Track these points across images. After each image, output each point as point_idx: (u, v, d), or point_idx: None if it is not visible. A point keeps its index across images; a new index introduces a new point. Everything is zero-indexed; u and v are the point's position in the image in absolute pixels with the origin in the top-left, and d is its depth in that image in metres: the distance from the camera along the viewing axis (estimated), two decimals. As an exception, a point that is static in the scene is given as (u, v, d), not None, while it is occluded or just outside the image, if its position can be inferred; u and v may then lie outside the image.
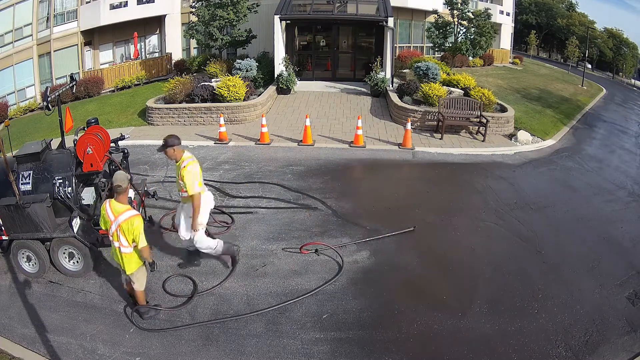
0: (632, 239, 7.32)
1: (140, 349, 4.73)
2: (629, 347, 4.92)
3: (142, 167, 9.51)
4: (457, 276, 6.06)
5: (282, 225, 7.14)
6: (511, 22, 28.77)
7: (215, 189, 8.39)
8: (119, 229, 4.63)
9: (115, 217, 4.65)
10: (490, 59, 24.76)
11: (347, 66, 17.85)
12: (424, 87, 12.87)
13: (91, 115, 7.70)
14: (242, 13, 15.66)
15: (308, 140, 10.82)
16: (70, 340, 4.84)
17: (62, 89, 6.48)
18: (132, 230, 4.60)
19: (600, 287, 5.92)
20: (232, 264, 6.01)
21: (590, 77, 28.16)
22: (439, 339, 4.93)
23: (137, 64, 18.86)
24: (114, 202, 4.70)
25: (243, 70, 14.39)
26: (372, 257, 6.36)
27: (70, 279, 5.79)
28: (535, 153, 11.36)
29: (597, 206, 8.56)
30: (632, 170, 11.19)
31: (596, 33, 46.42)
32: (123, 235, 4.64)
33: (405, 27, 22.87)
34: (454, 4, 16.88)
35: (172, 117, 12.47)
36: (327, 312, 5.26)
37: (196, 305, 5.34)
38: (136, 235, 4.61)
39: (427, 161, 10.22)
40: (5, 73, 16.49)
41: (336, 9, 16.49)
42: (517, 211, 7.92)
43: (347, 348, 4.76)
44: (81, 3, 17.98)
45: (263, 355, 4.67)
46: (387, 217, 7.53)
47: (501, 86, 19.01)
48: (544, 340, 4.92)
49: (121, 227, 4.62)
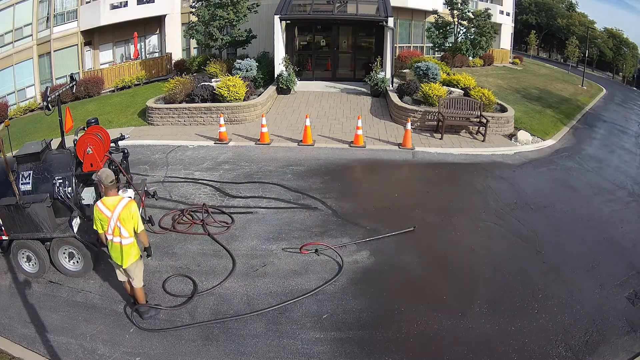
0: (632, 239, 7.32)
1: (140, 349, 4.73)
2: (629, 347, 4.92)
3: (142, 167, 9.51)
4: (457, 276, 6.06)
5: (282, 225, 7.15)
6: (511, 22, 28.77)
7: (215, 189, 8.40)
8: (119, 221, 4.67)
9: (112, 212, 4.67)
10: (490, 59, 24.76)
11: (347, 66, 17.85)
12: (424, 87, 12.87)
13: (91, 115, 7.69)
14: (242, 13, 15.66)
15: (308, 140, 10.82)
16: (70, 340, 4.85)
17: (62, 89, 6.48)
18: (132, 215, 4.72)
19: (600, 287, 5.92)
20: (233, 264, 6.05)
21: (590, 77, 28.17)
22: (439, 339, 4.93)
23: (137, 64, 18.86)
24: (106, 199, 4.74)
25: (243, 70, 14.40)
26: (372, 257, 6.36)
27: (70, 279, 5.79)
28: (535, 153, 11.35)
29: (597, 206, 8.56)
30: (632, 170, 11.19)
31: (596, 33, 46.42)
32: (124, 226, 4.69)
33: (405, 27, 22.88)
34: (454, 4, 16.88)
35: (172, 117, 12.48)
36: (327, 312, 5.26)
37: (196, 305, 5.34)
38: (135, 220, 4.75)
39: (427, 161, 10.22)
40: (5, 73, 16.49)
41: (336, 9, 16.49)
42: (517, 211, 7.92)
43: (347, 348, 4.76)
44: (81, 3, 17.98)
45: (263, 355, 4.67)
46: (387, 217, 7.52)
47: (501, 86, 19.01)
48: (544, 340, 4.92)
49: (121, 218, 4.67)
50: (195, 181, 8.73)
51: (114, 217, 4.66)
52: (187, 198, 8.03)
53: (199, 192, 8.28)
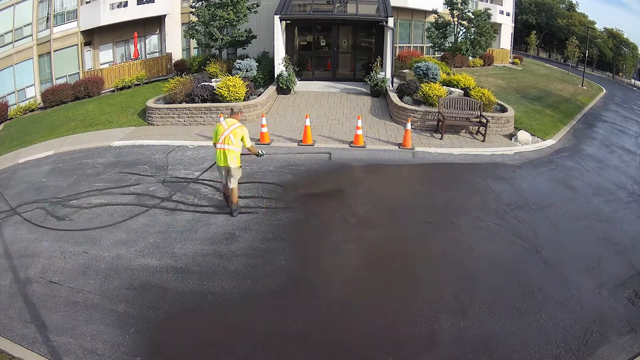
0: (632, 239, 7.33)
1: (141, 348, 4.73)
2: (629, 347, 4.92)
3: (142, 167, 9.51)
4: (457, 276, 6.06)
5: (282, 226, 7.15)
6: (511, 22, 28.77)
7: (215, 189, 8.40)
8: (231, 133, 6.80)
9: (228, 126, 6.87)
10: (490, 59, 24.76)
11: (347, 66, 17.84)
12: (424, 87, 12.87)
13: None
14: (242, 13, 15.64)
15: (308, 140, 10.81)
16: (70, 340, 4.85)
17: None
18: (242, 134, 6.89)
19: (600, 287, 5.92)
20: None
21: (590, 77, 28.17)
22: (439, 338, 4.94)
23: (137, 64, 18.85)
24: (228, 119, 7.03)
25: (243, 70, 14.39)
26: (373, 257, 6.36)
27: (70, 279, 5.79)
28: (535, 153, 11.36)
29: (597, 206, 8.56)
30: (632, 170, 11.20)
31: (596, 33, 46.44)
32: (234, 137, 6.81)
33: (405, 27, 22.87)
34: (454, 4, 16.86)
35: (172, 117, 12.48)
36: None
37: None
38: (244, 136, 6.90)
39: (427, 161, 10.22)
40: (5, 73, 16.49)
41: (336, 9, 16.48)
42: (517, 211, 7.92)
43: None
44: (81, 3, 17.96)
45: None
46: (387, 217, 7.53)
47: (501, 86, 19.02)
48: (544, 340, 4.92)
49: (234, 132, 6.82)
50: (196, 181, 8.73)
51: (228, 130, 6.82)
52: (186, 198, 8.03)
53: (199, 192, 8.28)
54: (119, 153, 10.51)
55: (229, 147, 6.79)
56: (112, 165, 9.69)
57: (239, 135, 6.82)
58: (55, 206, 7.86)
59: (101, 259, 6.24)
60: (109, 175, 9.16)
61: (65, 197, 8.17)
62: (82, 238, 6.79)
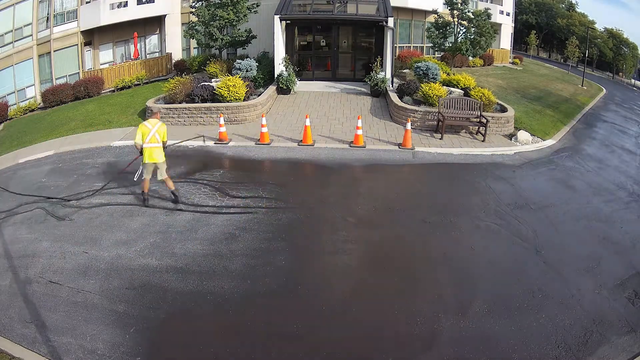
0: (632, 239, 7.33)
1: (141, 348, 4.73)
2: (629, 347, 4.92)
3: (142, 166, 9.48)
4: (457, 276, 6.06)
5: (282, 226, 7.14)
6: (511, 22, 28.77)
7: (215, 189, 8.40)
8: (156, 132, 7.47)
9: (153, 126, 7.50)
10: (490, 59, 24.75)
11: (347, 66, 17.84)
12: (424, 87, 12.87)
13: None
14: (242, 13, 15.64)
15: (308, 140, 10.81)
16: (70, 340, 4.85)
17: None
18: (164, 131, 7.64)
19: (600, 287, 5.92)
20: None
21: (590, 77, 28.17)
22: (438, 338, 4.94)
23: (137, 64, 18.84)
24: (151, 119, 7.64)
25: (243, 70, 14.39)
26: (372, 257, 6.36)
27: (70, 279, 5.79)
28: (535, 153, 11.36)
29: (597, 206, 8.56)
30: (632, 170, 11.20)
31: (596, 33, 46.44)
32: (159, 135, 7.50)
33: (405, 27, 22.86)
34: (454, 4, 16.86)
35: (172, 117, 12.46)
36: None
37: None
38: (164, 133, 7.65)
39: (427, 161, 10.22)
40: (5, 73, 16.48)
41: (336, 9, 16.48)
42: (517, 211, 7.92)
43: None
44: (81, 3, 17.96)
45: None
46: (387, 217, 7.53)
47: (501, 86, 19.01)
48: (544, 340, 4.92)
49: (158, 131, 7.52)
50: (196, 181, 8.73)
51: (153, 129, 7.44)
52: (187, 198, 8.03)
53: (199, 192, 8.28)
54: (119, 153, 10.50)
55: (155, 145, 7.47)
56: (112, 165, 9.69)
57: (162, 133, 7.60)
58: (55, 206, 7.86)
59: (101, 259, 6.24)
60: (109, 175, 9.16)
61: (65, 197, 8.17)
62: (82, 238, 6.79)
